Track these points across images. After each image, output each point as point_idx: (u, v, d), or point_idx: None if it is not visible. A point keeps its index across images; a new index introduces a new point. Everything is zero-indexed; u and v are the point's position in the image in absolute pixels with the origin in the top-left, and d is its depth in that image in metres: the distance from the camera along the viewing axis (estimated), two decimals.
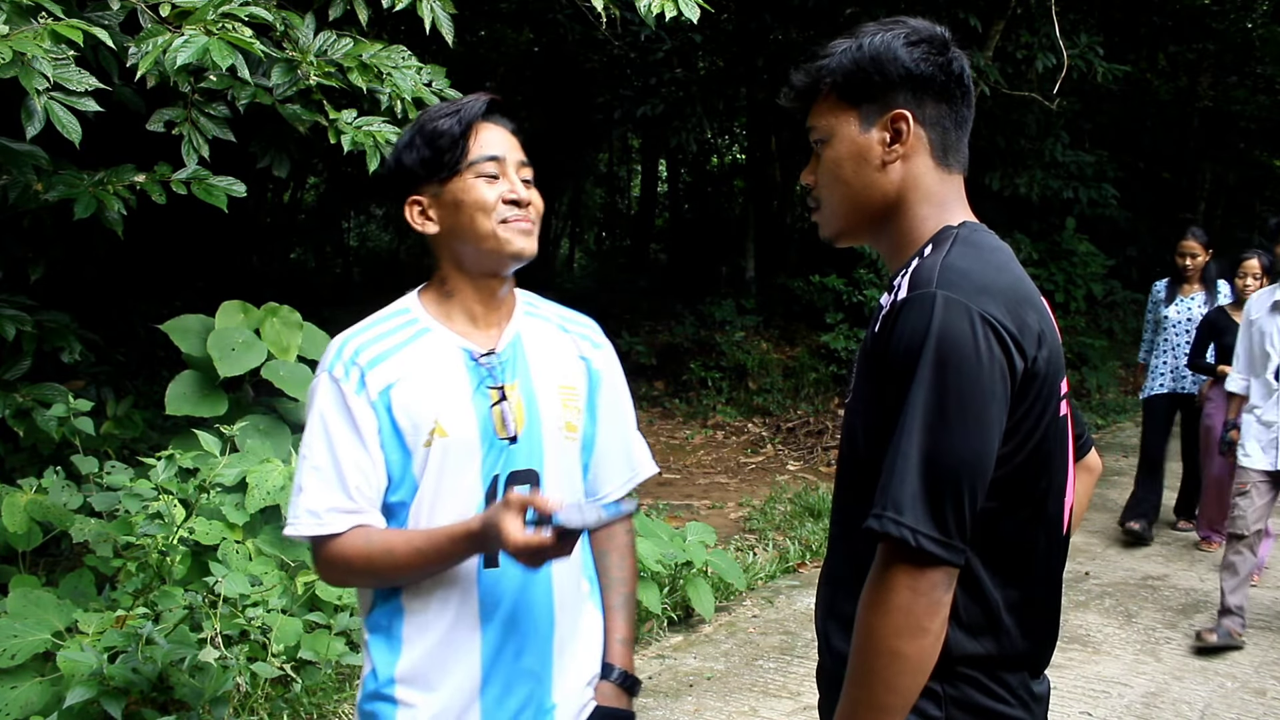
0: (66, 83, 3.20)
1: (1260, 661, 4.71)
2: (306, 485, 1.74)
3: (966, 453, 1.38)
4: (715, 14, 6.67)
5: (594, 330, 2.01)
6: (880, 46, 1.56)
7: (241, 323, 4.86)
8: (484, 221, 1.76)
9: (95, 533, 4.04)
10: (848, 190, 1.60)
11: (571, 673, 1.86)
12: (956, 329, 1.39)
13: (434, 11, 3.89)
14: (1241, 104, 16.80)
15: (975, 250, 1.50)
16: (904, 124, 1.55)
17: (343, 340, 1.80)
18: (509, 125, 1.84)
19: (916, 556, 1.37)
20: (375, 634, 1.81)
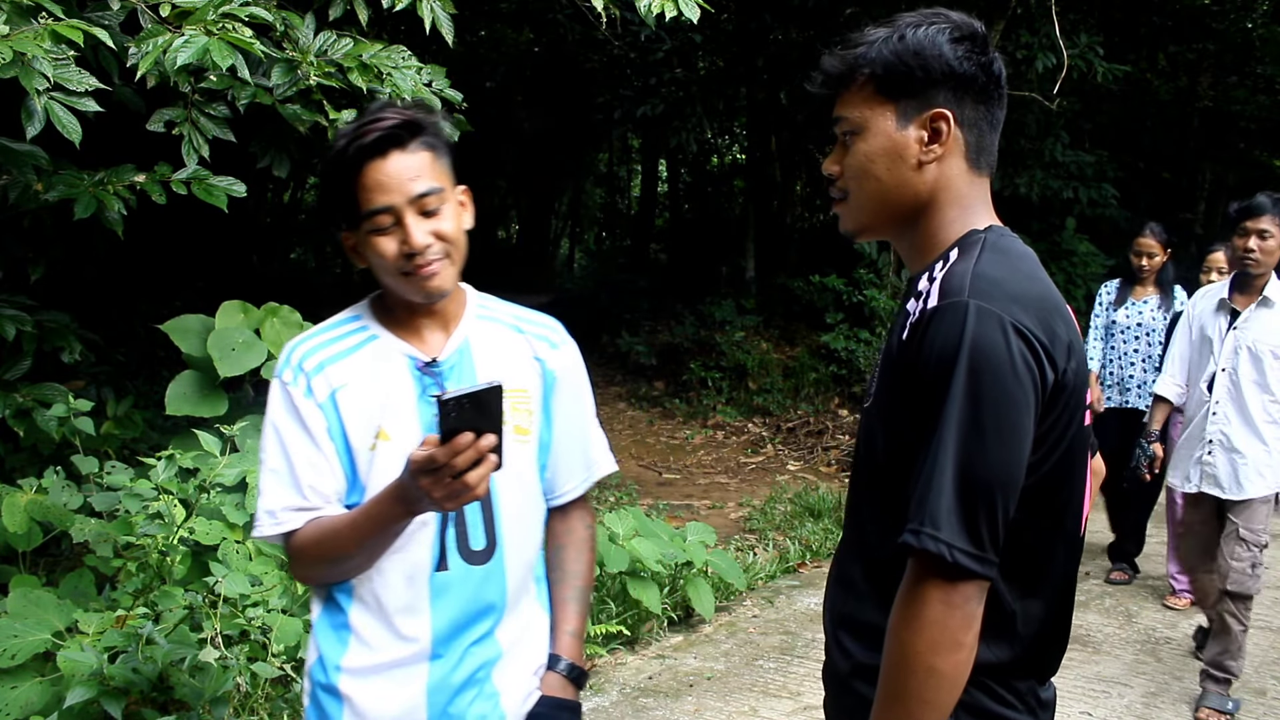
0: (66, 83, 3.20)
1: (1260, 662, 4.71)
2: (265, 488, 1.78)
3: (1001, 466, 1.37)
4: (715, 14, 6.68)
5: (554, 330, 1.98)
6: (925, 41, 1.51)
7: (242, 323, 4.86)
8: (387, 278, 1.77)
9: (95, 533, 4.03)
10: (879, 186, 1.55)
11: (516, 664, 1.88)
12: (990, 339, 1.37)
13: (434, 11, 3.89)
14: (1241, 104, 16.80)
15: (1005, 258, 1.47)
16: (944, 124, 1.51)
17: (292, 346, 1.82)
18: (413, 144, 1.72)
19: (951, 571, 1.35)
20: (325, 627, 1.83)
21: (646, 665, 4.66)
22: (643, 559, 4.73)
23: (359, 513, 1.71)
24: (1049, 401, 1.42)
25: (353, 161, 1.69)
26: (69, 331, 4.84)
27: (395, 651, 1.80)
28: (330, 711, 1.81)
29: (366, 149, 1.68)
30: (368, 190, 1.70)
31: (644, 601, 4.74)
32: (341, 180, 1.70)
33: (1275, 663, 4.69)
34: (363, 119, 1.72)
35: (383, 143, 1.69)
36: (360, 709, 1.80)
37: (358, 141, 1.68)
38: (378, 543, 1.72)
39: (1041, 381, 1.40)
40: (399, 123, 1.70)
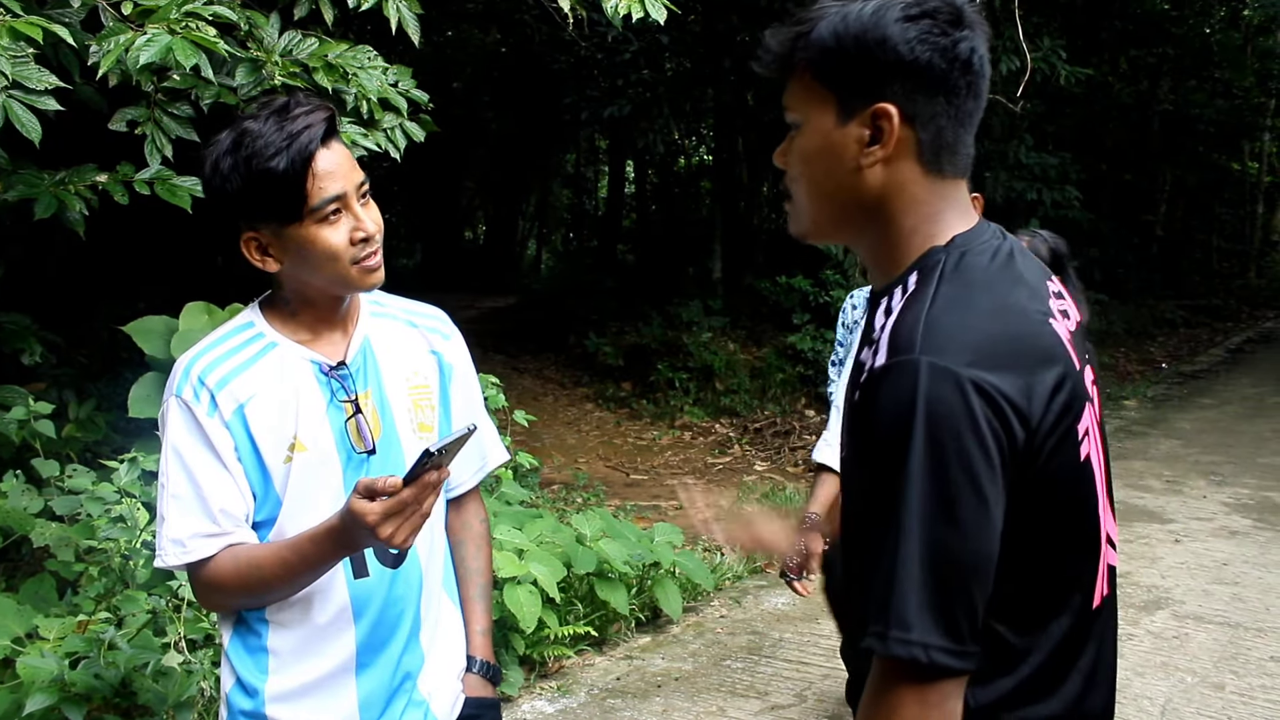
0: (26, 81, 3.16)
1: (1219, 657, 4.78)
2: (168, 514, 1.69)
3: (971, 548, 1.19)
4: (682, 15, 6.69)
5: (443, 321, 1.97)
6: (869, 22, 1.26)
7: (206, 324, 4.82)
8: (334, 267, 1.69)
9: (56, 537, 3.99)
10: (818, 190, 1.34)
11: (439, 667, 1.87)
12: (947, 404, 1.17)
13: (400, 12, 3.87)
14: (1200, 107, 17.07)
15: (965, 292, 1.25)
16: (886, 122, 1.27)
17: (188, 361, 1.73)
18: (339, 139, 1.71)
19: (927, 672, 1.18)
20: (240, 650, 1.77)
21: (614, 666, 4.66)
22: (610, 560, 4.74)
23: (289, 551, 1.64)
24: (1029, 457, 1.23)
25: (305, 153, 1.62)
26: (29, 333, 4.79)
27: (321, 668, 1.75)
28: None
29: (318, 142, 1.64)
30: (320, 180, 1.64)
31: (611, 602, 4.74)
32: (288, 174, 1.62)
33: (1233, 658, 4.77)
34: (286, 114, 1.64)
35: (326, 134, 1.66)
36: None
37: (305, 135, 1.62)
38: (309, 578, 1.68)
39: (1010, 443, 1.20)
40: (330, 113, 1.67)
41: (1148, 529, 6.69)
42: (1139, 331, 14.97)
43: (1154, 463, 8.26)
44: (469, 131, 15.08)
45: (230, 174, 1.64)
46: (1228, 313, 17.87)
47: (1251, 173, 21.54)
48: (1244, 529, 6.69)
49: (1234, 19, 17.87)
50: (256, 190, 1.63)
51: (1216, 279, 20.31)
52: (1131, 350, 13.87)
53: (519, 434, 6.67)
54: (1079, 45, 13.37)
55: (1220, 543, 6.42)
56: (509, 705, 4.24)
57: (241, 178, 1.63)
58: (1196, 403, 10.98)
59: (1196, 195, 20.50)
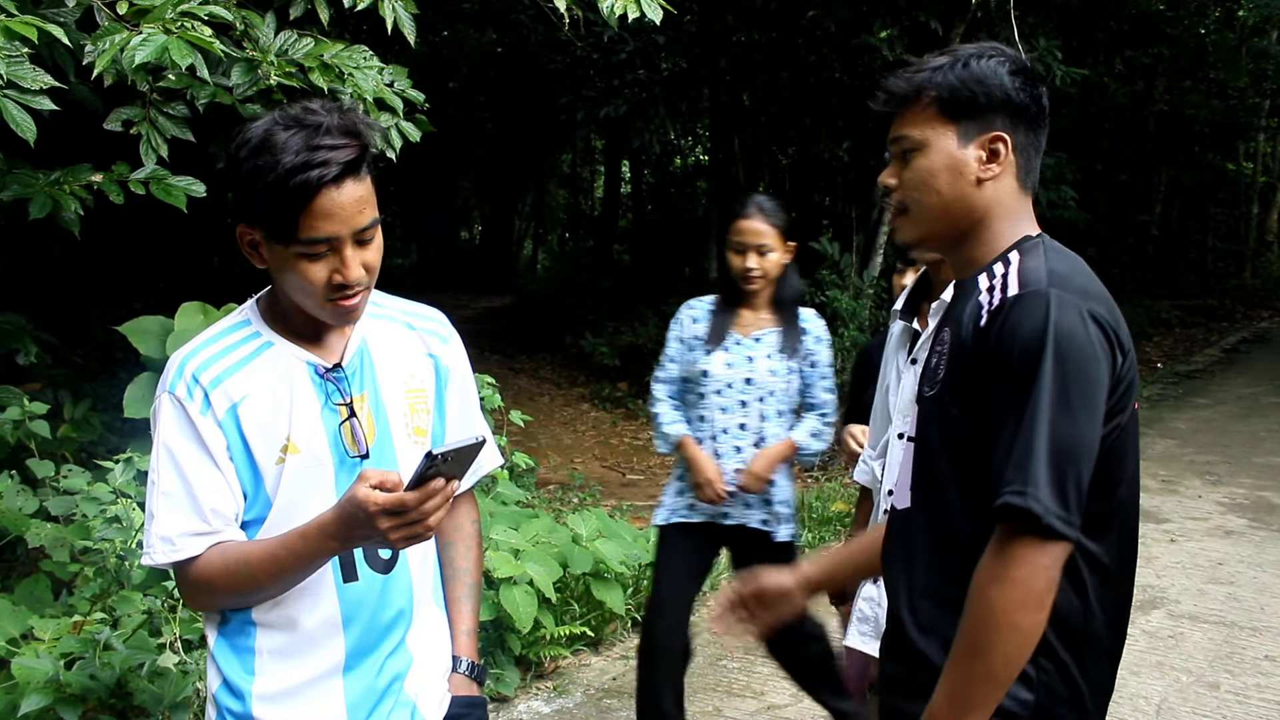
0: (21, 80, 3.16)
1: (1214, 656, 4.79)
2: (158, 512, 1.67)
3: (1084, 439, 1.50)
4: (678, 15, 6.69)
5: (441, 324, 1.95)
6: (987, 70, 1.66)
7: (201, 324, 4.81)
8: (306, 299, 1.68)
9: (52, 537, 3.98)
10: (940, 200, 1.68)
11: (426, 668, 1.86)
12: (1072, 325, 1.51)
13: (396, 12, 3.87)
14: (1195, 108, 17.10)
15: (1068, 257, 1.64)
16: (1002, 145, 1.66)
17: (182, 358, 1.72)
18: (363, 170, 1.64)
19: (1044, 531, 1.46)
20: (226, 650, 1.76)
21: (610, 666, 4.66)
22: (606, 560, 4.74)
23: (279, 547, 1.63)
24: (1114, 384, 1.55)
25: (308, 188, 1.58)
26: (24, 333, 4.78)
27: (309, 670, 1.73)
28: None
29: (328, 180, 1.58)
30: (315, 218, 1.59)
31: (608, 602, 4.74)
32: (286, 199, 1.58)
33: (1228, 657, 4.78)
34: (314, 138, 1.59)
35: (342, 174, 1.60)
36: None
37: (318, 169, 1.57)
38: (298, 576, 1.67)
39: (1112, 369, 1.54)
40: (358, 152, 1.62)
41: (1143, 528, 6.63)
42: (1134, 331, 14.90)
43: (1149, 462, 8.27)
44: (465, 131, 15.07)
45: (243, 168, 1.62)
46: (1223, 313, 17.90)
47: (1246, 173, 21.56)
48: (1239, 529, 6.71)
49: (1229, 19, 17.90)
50: (257, 198, 1.61)
51: (1212, 279, 20.33)
52: None
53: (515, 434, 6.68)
54: (1074, 46, 13.39)
55: (1215, 542, 6.43)
56: (505, 705, 4.24)
57: (249, 179, 1.61)
58: (1192, 403, 11.00)
59: (1192, 195, 20.53)
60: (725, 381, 3.45)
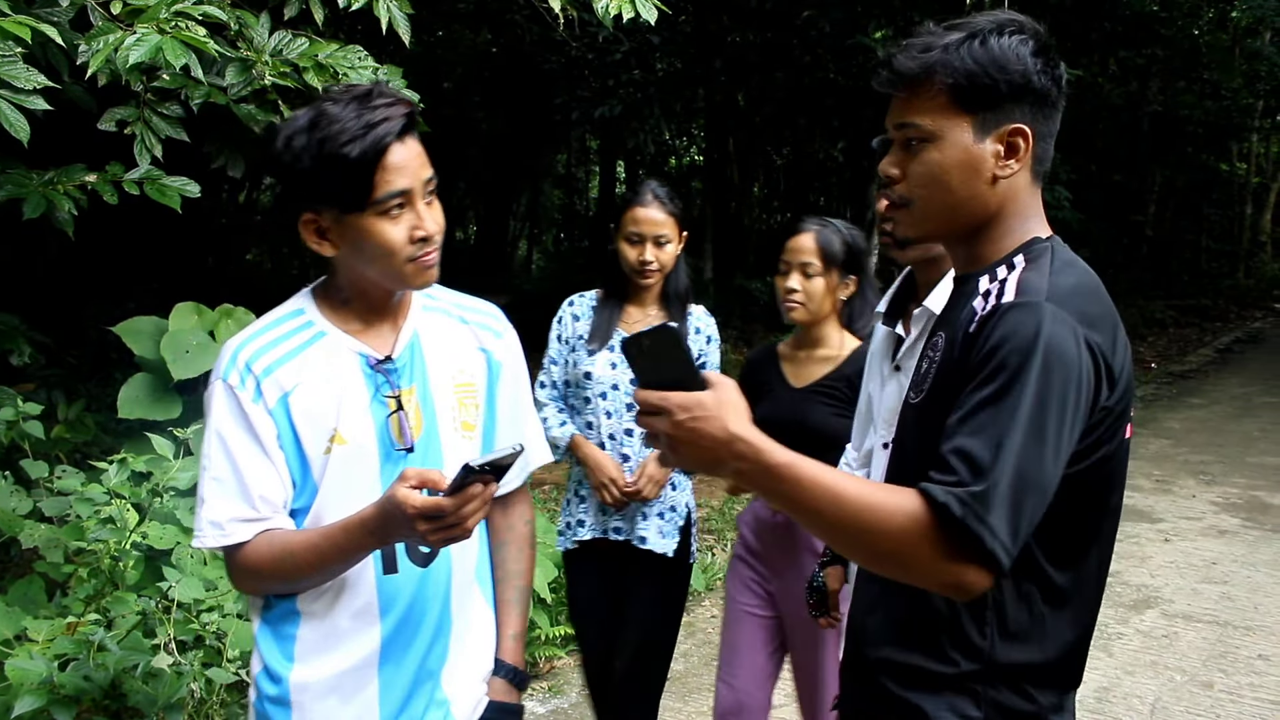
0: (14, 80, 3.15)
1: (1208, 655, 4.80)
2: (208, 496, 1.70)
3: (1047, 472, 1.36)
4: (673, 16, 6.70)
5: (495, 318, 1.96)
6: (1009, 53, 1.47)
7: (196, 325, 4.81)
8: (390, 262, 1.69)
9: (45, 538, 3.97)
10: (951, 199, 1.51)
11: (464, 668, 1.86)
12: (1064, 344, 1.37)
13: (391, 11, 3.86)
14: (1189, 108, 17.13)
15: (1075, 272, 1.48)
16: (1023, 140, 1.49)
17: (236, 346, 1.74)
18: (415, 134, 1.70)
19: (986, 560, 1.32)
20: (268, 636, 1.78)
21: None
22: None
23: (321, 538, 1.66)
24: (1102, 421, 1.43)
25: (379, 144, 1.62)
26: (18, 333, 4.77)
27: (345, 660, 1.75)
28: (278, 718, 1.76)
29: (394, 136, 1.63)
30: (388, 173, 1.64)
31: None
32: (358, 162, 1.61)
33: (1221, 656, 4.79)
34: (369, 102, 1.64)
35: (404, 129, 1.66)
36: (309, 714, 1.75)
37: (382, 126, 1.62)
38: (340, 567, 1.69)
39: (1095, 398, 1.41)
40: (409, 109, 1.67)
41: (1137, 528, 6.72)
42: (1128, 331, 14.74)
43: (1143, 462, 8.28)
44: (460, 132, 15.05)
45: (301, 153, 1.64)
46: (1216, 313, 17.94)
47: (1240, 173, 21.62)
48: (1233, 528, 6.72)
49: (1222, 20, 17.94)
50: (325, 173, 1.63)
51: (1205, 279, 20.39)
52: None
53: None
54: (1068, 46, 13.41)
55: (1209, 542, 6.45)
56: None
57: (312, 159, 1.63)
58: (1186, 402, 11.02)
59: (1185, 196, 20.59)
60: (610, 384, 3.13)
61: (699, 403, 1.36)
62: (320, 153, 1.62)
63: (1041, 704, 1.50)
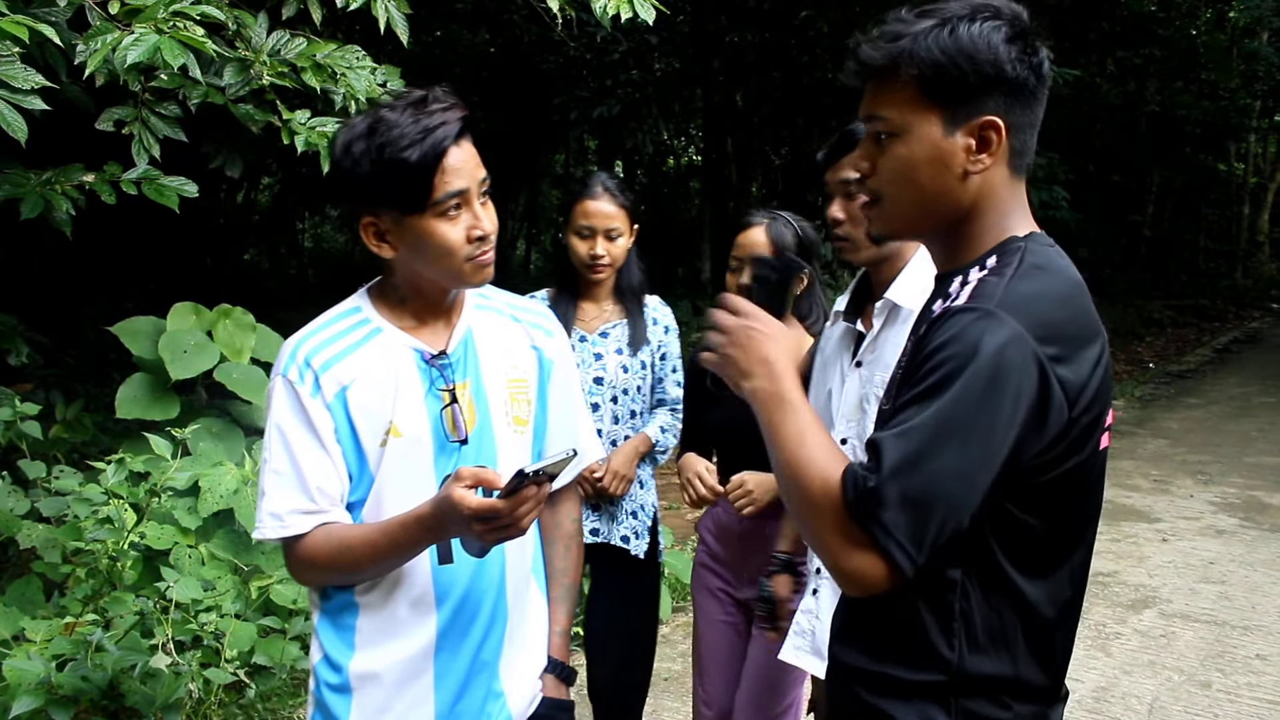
0: (11, 80, 3.15)
1: (1206, 655, 4.80)
2: (269, 489, 1.75)
3: (966, 482, 1.31)
4: (671, 16, 6.70)
5: (546, 318, 2.02)
6: (979, 41, 1.38)
7: (194, 325, 4.81)
8: (449, 261, 1.75)
9: (43, 538, 3.97)
10: (921, 195, 1.45)
11: (520, 662, 1.90)
12: (1004, 354, 1.30)
13: (389, 11, 3.86)
14: (1187, 108, 17.13)
15: (1044, 275, 1.40)
16: (995, 133, 1.41)
17: (296, 343, 1.79)
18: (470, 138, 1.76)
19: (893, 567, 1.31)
20: (328, 626, 1.83)
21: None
22: None
23: (379, 534, 1.70)
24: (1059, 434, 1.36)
25: (437, 147, 1.67)
26: (16, 333, 4.76)
27: (403, 649, 1.79)
28: (337, 711, 1.81)
29: (451, 139, 1.69)
30: (447, 175, 1.69)
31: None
32: (418, 164, 1.67)
33: (1219, 655, 4.79)
34: (425, 107, 1.70)
35: (460, 132, 1.71)
36: (368, 709, 1.80)
37: (440, 129, 1.68)
38: (397, 562, 1.74)
39: (1042, 410, 1.34)
40: (465, 113, 1.73)
41: (1135, 528, 6.72)
42: (1127, 331, 15.02)
43: (1141, 462, 8.29)
44: None
45: (361, 158, 1.69)
46: (1215, 313, 17.95)
47: (1238, 173, 21.64)
48: (1231, 528, 6.72)
49: (1220, 20, 17.96)
50: (385, 177, 1.68)
51: (1203, 279, 20.40)
52: (1119, 350, 13.91)
53: None
54: (1066, 46, 13.42)
55: (1207, 541, 6.45)
56: None
57: (372, 163, 1.68)
58: (1184, 402, 11.02)
59: (1184, 196, 20.59)
60: None
61: (772, 326, 1.47)
62: (380, 158, 1.68)
63: (1019, 713, 1.47)
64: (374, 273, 1.89)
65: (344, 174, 1.73)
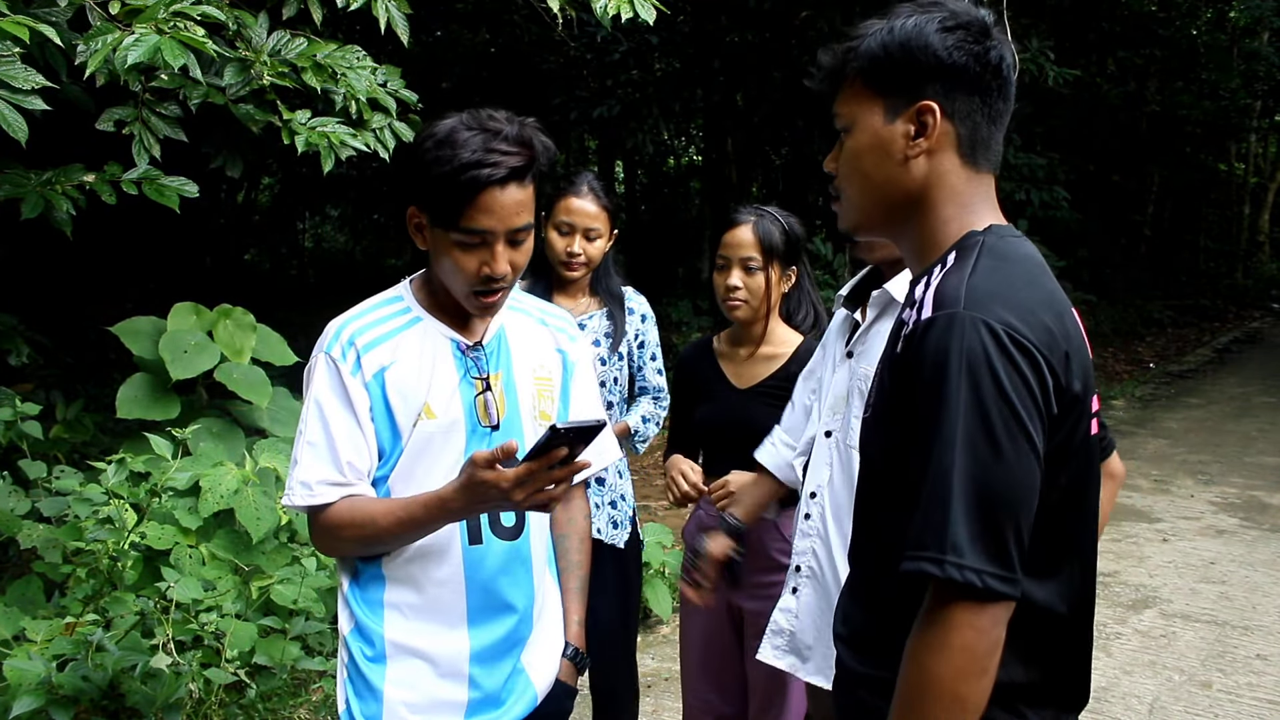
0: (12, 80, 3.15)
1: (1206, 655, 4.80)
2: (302, 459, 1.85)
3: (1017, 479, 1.31)
4: (671, 16, 6.70)
5: (570, 323, 2.13)
6: (912, 32, 1.46)
7: (194, 325, 4.81)
8: (454, 283, 1.85)
9: (44, 539, 3.97)
10: (868, 183, 1.51)
11: (543, 642, 2.01)
12: (986, 350, 1.31)
13: (389, 11, 3.86)
14: (1187, 109, 17.13)
15: (1003, 263, 1.42)
16: (930, 117, 1.46)
17: (341, 324, 1.89)
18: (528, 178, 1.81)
19: (982, 595, 1.29)
20: (358, 598, 1.91)
21: None
22: None
23: (400, 509, 1.79)
24: (1056, 415, 1.37)
25: (476, 184, 1.75)
26: (16, 334, 4.76)
27: (436, 622, 1.88)
28: (372, 679, 1.88)
29: (495, 180, 1.75)
30: (477, 211, 1.77)
31: None
32: (456, 191, 1.75)
33: (1220, 655, 4.79)
34: (491, 142, 1.75)
35: (508, 177, 1.77)
36: (404, 678, 1.88)
37: (488, 169, 1.74)
38: (417, 537, 1.83)
39: (1044, 392, 1.35)
40: (526, 161, 1.78)
41: (1135, 528, 6.72)
42: (1127, 331, 15.02)
43: (1142, 462, 8.29)
44: None
45: (424, 157, 1.78)
46: (1215, 313, 17.95)
47: (1238, 173, 21.63)
48: (1231, 528, 6.72)
49: (1220, 20, 17.95)
50: (430, 184, 1.78)
51: (1204, 279, 20.40)
52: (1120, 350, 13.91)
53: None
54: (1067, 46, 13.42)
55: (1207, 542, 6.45)
56: None
57: (426, 166, 1.77)
58: (1184, 402, 11.02)
59: (1184, 196, 20.58)
60: None
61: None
62: (434, 165, 1.76)
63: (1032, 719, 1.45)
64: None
65: (413, 162, 1.82)
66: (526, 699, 1.96)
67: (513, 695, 1.94)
